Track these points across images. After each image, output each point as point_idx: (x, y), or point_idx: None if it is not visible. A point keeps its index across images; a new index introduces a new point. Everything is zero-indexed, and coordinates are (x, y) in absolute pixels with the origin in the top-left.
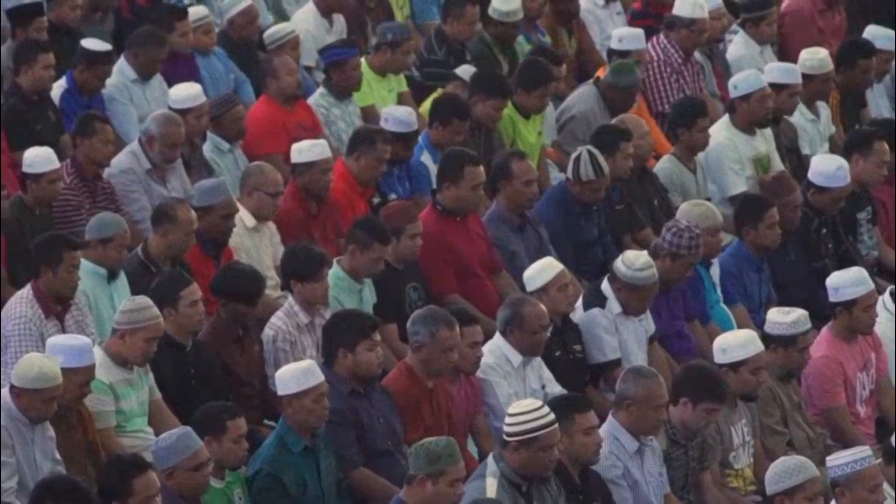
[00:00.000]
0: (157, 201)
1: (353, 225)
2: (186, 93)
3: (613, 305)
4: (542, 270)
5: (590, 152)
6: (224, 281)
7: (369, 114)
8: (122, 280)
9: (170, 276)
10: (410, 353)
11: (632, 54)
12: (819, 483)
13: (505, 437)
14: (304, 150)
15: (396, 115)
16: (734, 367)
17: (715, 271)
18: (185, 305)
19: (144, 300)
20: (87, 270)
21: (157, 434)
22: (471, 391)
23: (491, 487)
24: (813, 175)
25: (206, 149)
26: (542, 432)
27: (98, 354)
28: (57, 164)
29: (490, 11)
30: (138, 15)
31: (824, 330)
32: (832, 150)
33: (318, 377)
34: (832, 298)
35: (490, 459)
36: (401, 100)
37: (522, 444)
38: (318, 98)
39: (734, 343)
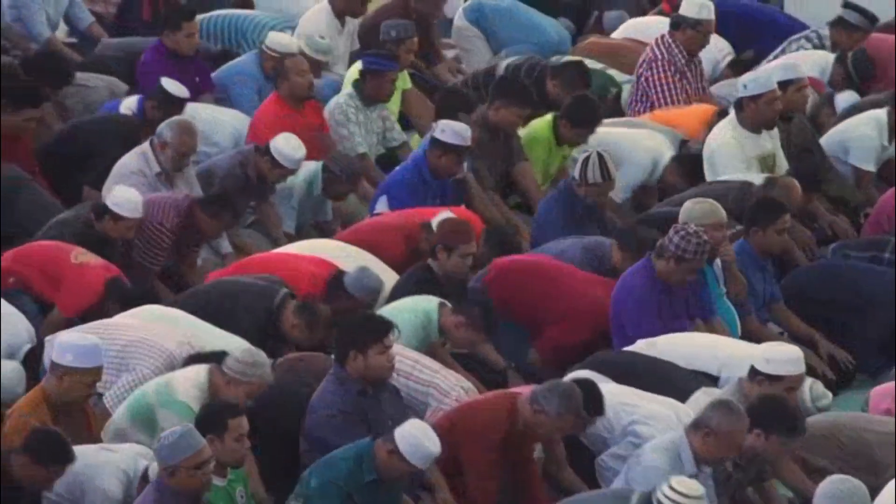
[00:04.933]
0: None
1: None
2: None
3: None
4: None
5: (599, 155)
6: None
7: None
8: None
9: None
10: None
11: None
12: None
13: None
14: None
15: (454, 128)
16: (772, 379)
17: (717, 263)
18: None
19: (262, 357)
20: None
21: None
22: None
23: None
24: None
25: None
26: None
27: (201, 379)
28: (140, 214)
29: None
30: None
31: None
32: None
33: (427, 464)
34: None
35: None
36: (405, 98)
37: None
38: (346, 98)
39: (780, 358)
